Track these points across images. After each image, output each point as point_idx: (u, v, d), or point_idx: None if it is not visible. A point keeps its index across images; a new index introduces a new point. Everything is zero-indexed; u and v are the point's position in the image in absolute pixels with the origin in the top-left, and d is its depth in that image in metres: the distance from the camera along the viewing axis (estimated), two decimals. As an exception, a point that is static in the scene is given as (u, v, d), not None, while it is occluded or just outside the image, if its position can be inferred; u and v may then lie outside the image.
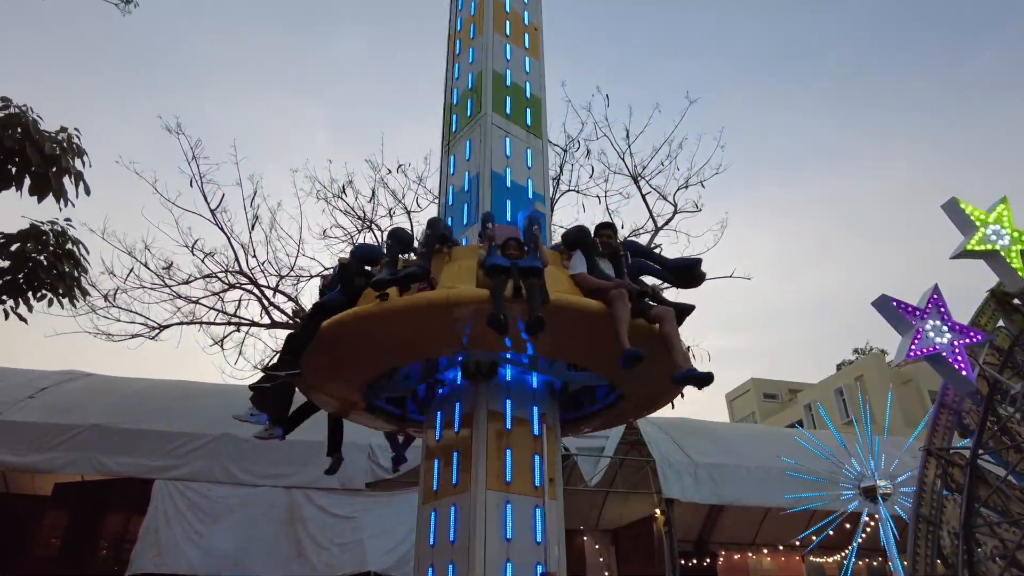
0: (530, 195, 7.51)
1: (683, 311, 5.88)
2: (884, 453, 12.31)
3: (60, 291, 6.24)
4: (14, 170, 5.97)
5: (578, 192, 17.98)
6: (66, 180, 6.60)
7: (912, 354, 8.64)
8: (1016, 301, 10.49)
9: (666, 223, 17.37)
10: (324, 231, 16.86)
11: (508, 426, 5.42)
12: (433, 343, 5.44)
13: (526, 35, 8.73)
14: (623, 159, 16.98)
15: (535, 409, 5.69)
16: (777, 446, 13.29)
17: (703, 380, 4.95)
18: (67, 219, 6.56)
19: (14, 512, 11.29)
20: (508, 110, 7.83)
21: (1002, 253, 9.83)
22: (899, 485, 11.92)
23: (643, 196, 17.32)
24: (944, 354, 8.68)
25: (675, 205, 17.50)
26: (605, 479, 12.83)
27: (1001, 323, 10.28)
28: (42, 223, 6.46)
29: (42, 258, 6.16)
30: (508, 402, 5.56)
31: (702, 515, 15.16)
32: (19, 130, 6.06)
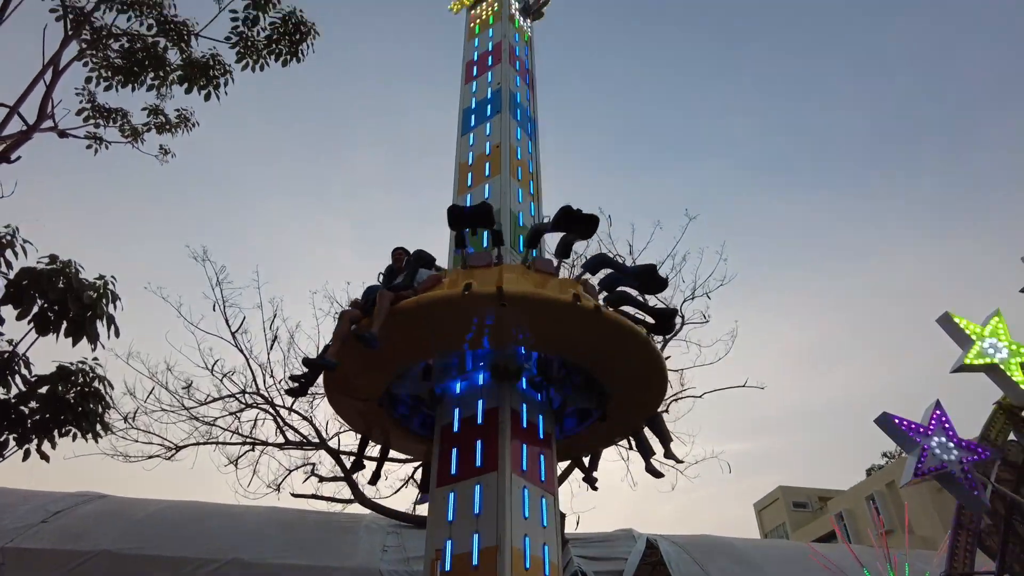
0: None
1: (667, 315, 7.02)
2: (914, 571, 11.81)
3: (84, 427, 6.59)
4: (53, 317, 6.48)
5: (586, 303, 18.37)
6: (99, 323, 7.15)
7: (919, 473, 8.59)
8: (1025, 414, 10.44)
9: (674, 334, 17.59)
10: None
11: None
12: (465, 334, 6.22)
13: (518, 168, 9.39)
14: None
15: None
16: (805, 566, 12.78)
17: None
18: (95, 358, 7.02)
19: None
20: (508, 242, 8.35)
21: (1001, 366, 9.94)
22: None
23: (650, 309, 17.61)
24: (953, 472, 8.61)
25: (682, 317, 17.76)
26: (625, 603, 12.32)
27: (1012, 436, 10.20)
28: (71, 364, 6.93)
29: (69, 397, 6.55)
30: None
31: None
32: (63, 281, 6.65)
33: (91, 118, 9.93)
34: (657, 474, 7.52)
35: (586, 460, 8.18)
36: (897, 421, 8.85)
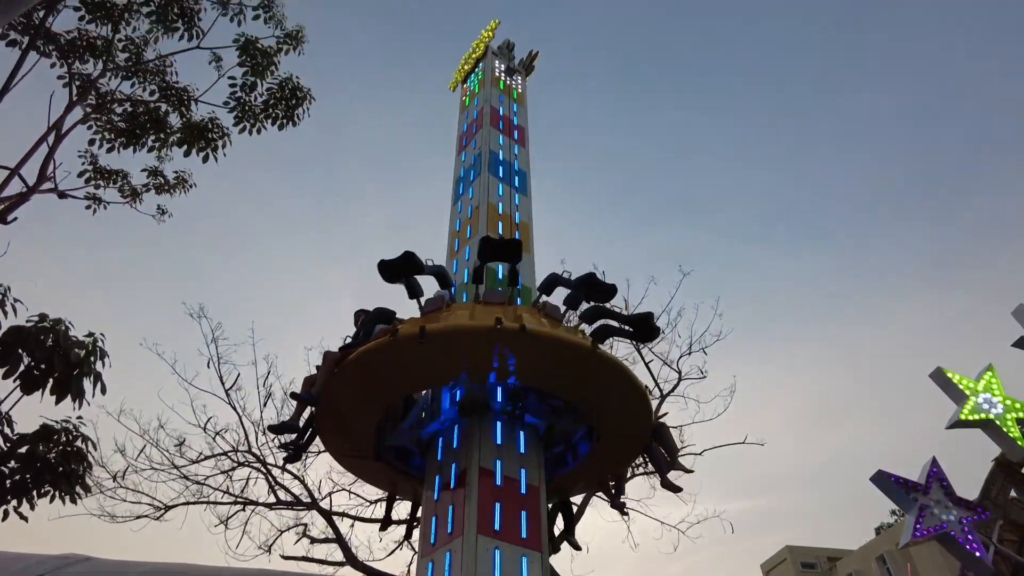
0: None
1: (644, 320, 6.97)
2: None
3: (63, 488, 6.50)
4: (39, 375, 6.48)
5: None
6: (86, 380, 7.14)
7: (919, 534, 8.38)
8: (1025, 471, 10.25)
9: (671, 391, 17.45)
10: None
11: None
12: (439, 369, 6.37)
13: (516, 232, 9.59)
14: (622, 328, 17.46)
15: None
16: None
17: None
18: (79, 416, 6.99)
19: None
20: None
21: (997, 422, 9.81)
22: None
23: (646, 364, 17.57)
24: (953, 533, 8.39)
25: (679, 372, 17.65)
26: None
27: (1014, 494, 9.99)
28: (55, 422, 6.89)
29: (51, 456, 6.49)
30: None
31: None
32: (51, 339, 6.68)
33: (92, 179, 10.18)
34: (675, 488, 7.31)
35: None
36: (894, 479, 8.70)
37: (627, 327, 6.93)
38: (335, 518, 16.53)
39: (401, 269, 6.85)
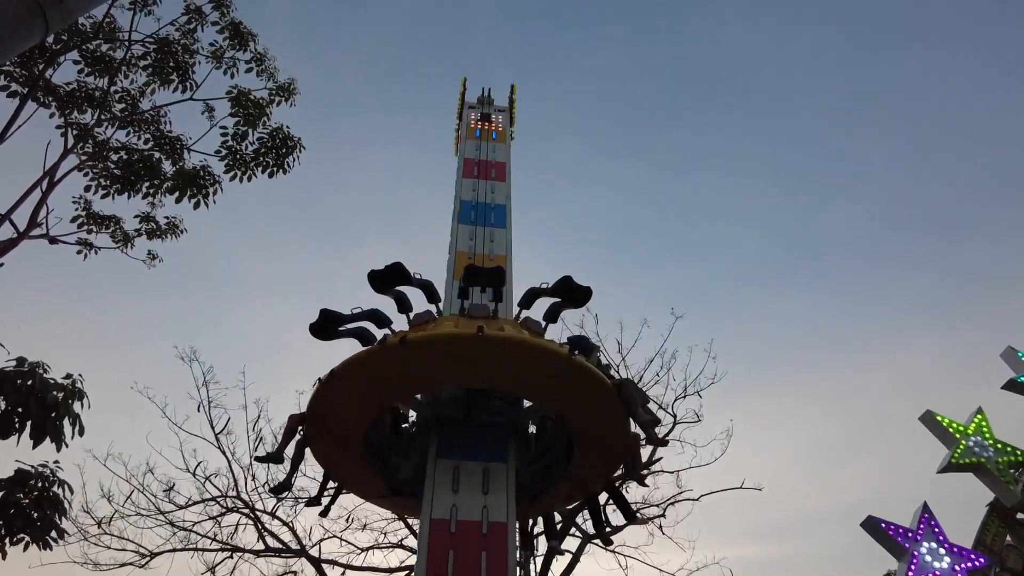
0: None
1: (567, 283, 6.98)
2: None
3: (36, 535, 6.44)
4: (16, 421, 6.50)
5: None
6: (65, 422, 7.15)
7: (911, 582, 8.18)
8: (1021, 515, 10.05)
9: (666, 434, 17.21)
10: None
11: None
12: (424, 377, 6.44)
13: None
14: (617, 373, 17.38)
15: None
16: None
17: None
18: (56, 461, 6.97)
19: None
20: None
21: (988, 466, 9.66)
22: None
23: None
24: (946, 581, 8.19)
25: (674, 416, 17.49)
26: None
27: (1009, 540, 9.76)
28: (33, 467, 6.87)
29: (26, 502, 6.45)
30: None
31: None
32: (29, 382, 6.73)
33: (85, 224, 10.37)
34: (660, 442, 7.15)
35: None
36: (884, 525, 8.53)
37: (556, 296, 7.13)
38: (325, 566, 16.22)
39: (389, 279, 7.03)
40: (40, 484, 6.75)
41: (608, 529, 18.54)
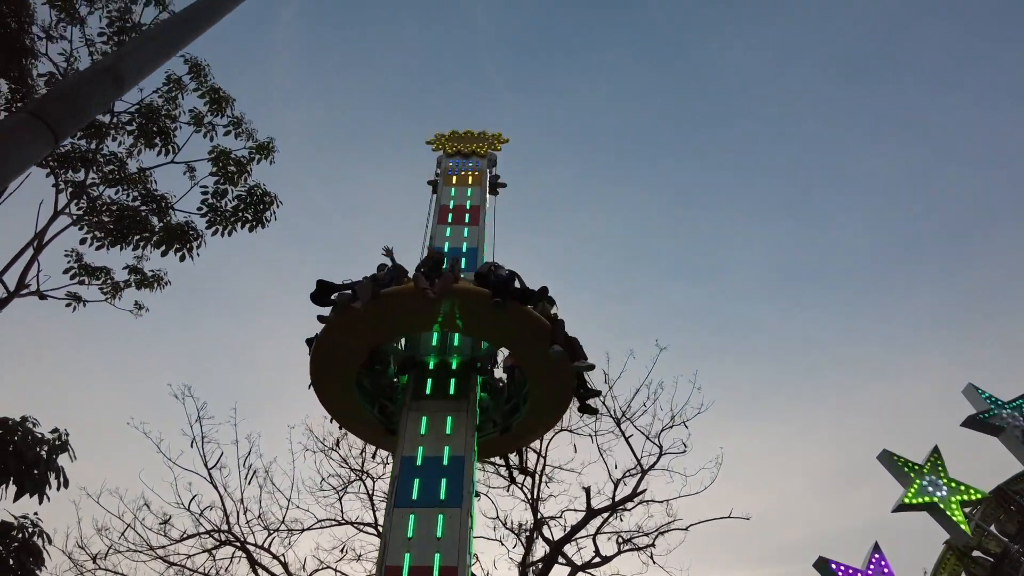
0: (445, 462, 8.12)
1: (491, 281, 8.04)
2: None
3: (14, 586, 6.86)
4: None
5: (570, 432, 18.40)
6: (50, 474, 7.61)
7: (859, 624, 8.44)
8: (977, 553, 10.29)
9: (652, 466, 17.44)
10: (322, 479, 17.34)
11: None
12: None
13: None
14: (602, 403, 17.66)
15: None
16: None
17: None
18: (35, 513, 7.44)
19: None
20: (429, 389, 8.56)
21: (941, 505, 9.91)
22: None
23: (626, 439, 17.61)
24: (894, 623, 8.44)
25: (660, 446, 17.69)
26: None
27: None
28: (15, 518, 7.33)
29: (5, 554, 6.90)
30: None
31: None
32: (11, 440, 7.22)
33: (78, 275, 10.95)
34: (590, 410, 8.79)
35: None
36: (834, 566, 8.81)
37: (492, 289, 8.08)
38: (318, 601, 16.52)
39: (325, 293, 8.00)
40: (20, 536, 7.21)
41: (598, 560, 18.68)
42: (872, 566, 8.94)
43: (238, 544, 16.18)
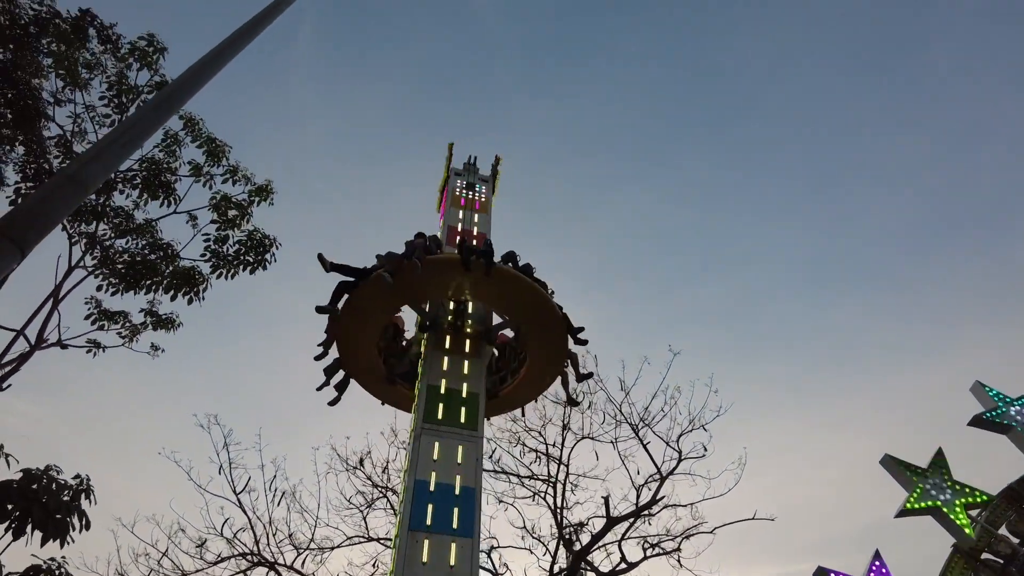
0: (456, 491, 8.42)
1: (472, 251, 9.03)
2: None
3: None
4: (28, 523, 7.51)
5: (592, 439, 18.53)
6: (73, 518, 8.15)
7: (858, 633, 8.49)
8: (987, 555, 10.20)
9: (672, 471, 17.47)
10: (348, 498, 17.81)
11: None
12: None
13: (466, 341, 10.29)
14: (619, 410, 17.79)
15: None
16: None
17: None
18: (63, 556, 7.97)
19: None
20: (441, 414, 8.93)
21: (944, 509, 9.84)
22: None
23: (645, 446, 17.66)
24: (896, 630, 8.47)
25: (679, 451, 17.71)
26: None
27: (973, 580, 9.89)
28: (44, 561, 7.88)
29: (35, 597, 7.42)
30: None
31: None
32: (34, 486, 7.75)
33: (97, 320, 11.58)
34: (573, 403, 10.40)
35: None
36: (833, 575, 8.87)
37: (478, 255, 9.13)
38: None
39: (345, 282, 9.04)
40: (48, 577, 7.74)
41: (624, 566, 18.80)
42: (872, 574, 8.96)
43: (269, 564, 16.76)
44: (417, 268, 8.73)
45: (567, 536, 17.62)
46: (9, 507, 7.52)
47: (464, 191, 13.61)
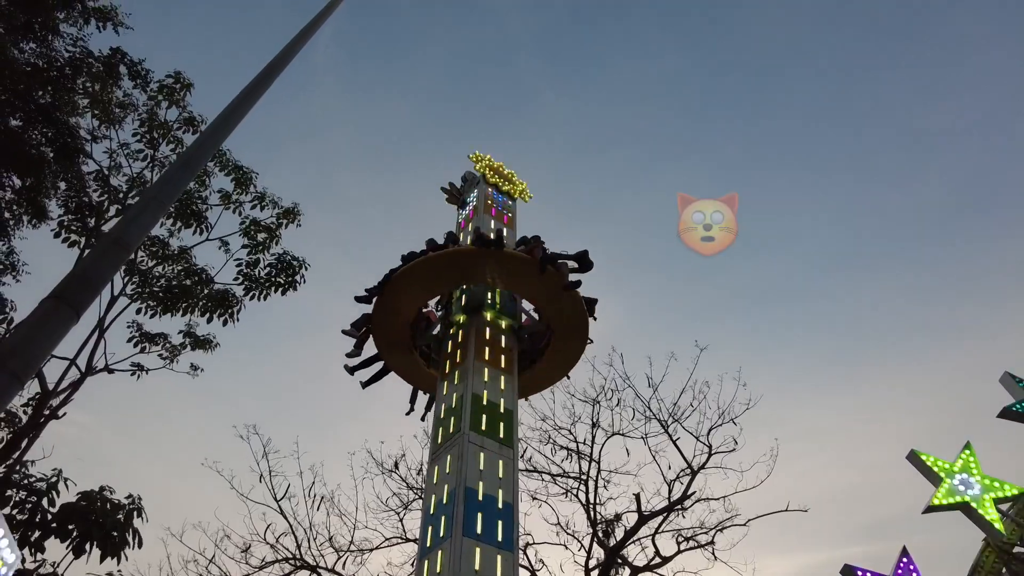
0: (499, 505, 8.60)
1: (580, 258, 10.09)
2: None
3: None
4: (87, 543, 8.09)
5: (622, 435, 18.63)
6: (127, 535, 8.71)
7: (888, 630, 8.57)
8: (1019, 549, 10.14)
9: (702, 466, 17.49)
10: (385, 500, 18.28)
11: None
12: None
13: (502, 356, 10.46)
14: (648, 407, 17.83)
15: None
16: None
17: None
18: (119, 570, 8.54)
19: None
20: (484, 426, 9.01)
21: (973, 504, 9.77)
22: None
23: (674, 442, 17.69)
24: (925, 627, 8.53)
25: (709, 446, 17.70)
26: None
27: (1005, 573, 9.86)
28: (98, 576, 8.46)
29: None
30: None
31: None
32: (92, 508, 8.31)
33: (140, 343, 12.18)
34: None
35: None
36: (860, 573, 8.96)
37: (571, 262, 9.93)
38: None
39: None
40: (106, 592, 8.31)
41: (658, 560, 18.95)
42: (900, 571, 9.02)
43: (311, 568, 17.35)
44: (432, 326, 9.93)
45: (601, 531, 17.84)
46: (70, 527, 8.11)
47: (494, 203, 13.62)
